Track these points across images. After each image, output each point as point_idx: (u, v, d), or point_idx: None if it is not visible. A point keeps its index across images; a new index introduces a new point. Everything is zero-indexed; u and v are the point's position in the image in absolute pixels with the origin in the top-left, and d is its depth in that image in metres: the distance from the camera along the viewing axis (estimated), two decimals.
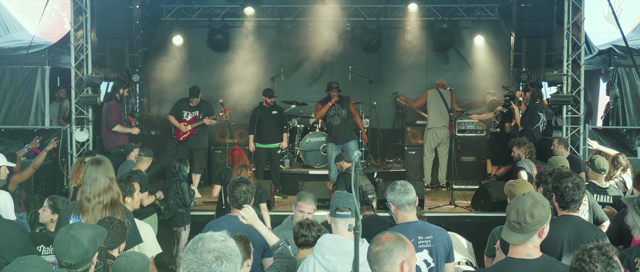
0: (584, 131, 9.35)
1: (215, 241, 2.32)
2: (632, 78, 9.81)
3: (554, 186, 4.02)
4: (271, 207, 8.53)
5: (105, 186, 4.18)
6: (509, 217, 3.10)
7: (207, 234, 2.36)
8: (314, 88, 12.55)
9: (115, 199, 4.21)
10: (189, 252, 2.30)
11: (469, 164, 10.89)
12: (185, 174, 7.40)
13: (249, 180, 4.70)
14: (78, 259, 3.12)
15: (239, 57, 11.85)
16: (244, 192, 4.47)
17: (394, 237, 2.86)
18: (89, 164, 4.25)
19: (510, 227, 3.10)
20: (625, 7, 13.64)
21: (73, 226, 3.28)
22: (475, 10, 11.99)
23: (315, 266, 3.46)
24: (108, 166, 4.27)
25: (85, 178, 4.20)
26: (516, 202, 3.10)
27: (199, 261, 2.27)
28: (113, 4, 9.19)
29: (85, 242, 3.16)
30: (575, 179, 3.97)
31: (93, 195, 4.14)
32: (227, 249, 2.31)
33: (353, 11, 11.96)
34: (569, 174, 4.06)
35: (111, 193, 4.19)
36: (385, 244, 2.82)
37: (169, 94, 12.35)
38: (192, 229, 7.34)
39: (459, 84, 11.86)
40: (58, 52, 9.94)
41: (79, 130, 9.32)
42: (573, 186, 3.91)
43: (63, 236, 3.18)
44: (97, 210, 4.12)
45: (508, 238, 3.11)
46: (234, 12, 12.13)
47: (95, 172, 4.18)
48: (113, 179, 4.25)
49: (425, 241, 3.79)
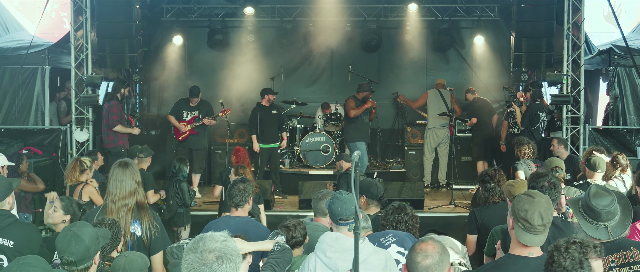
0: (584, 131, 9.35)
1: (216, 241, 2.33)
2: (632, 78, 9.81)
3: (530, 185, 4.10)
4: (271, 207, 8.53)
5: (132, 190, 4.15)
6: (532, 222, 3.00)
7: (208, 234, 2.37)
8: (314, 88, 12.56)
9: (141, 202, 4.19)
10: (190, 252, 2.30)
11: (469, 164, 10.88)
12: (185, 174, 7.41)
13: (248, 179, 4.71)
14: (79, 255, 3.12)
15: (239, 57, 11.86)
16: (241, 191, 4.49)
17: (439, 247, 2.79)
18: (116, 166, 4.23)
19: (533, 232, 3.01)
20: (625, 7, 13.64)
21: (76, 224, 3.29)
22: (475, 10, 12.00)
23: (317, 263, 3.48)
24: (135, 169, 4.25)
25: (111, 180, 4.19)
26: (534, 206, 3.02)
27: (200, 260, 2.27)
28: (113, 4, 9.18)
29: (87, 240, 3.15)
30: (551, 178, 4.07)
31: (119, 197, 4.13)
32: (228, 249, 2.32)
33: (353, 11, 11.96)
34: (544, 174, 4.16)
35: (137, 196, 4.18)
36: (434, 256, 2.75)
37: (169, 94, 12.35)
38: (192, 229, 7.35)
39: (459, 84, 11.85)
40: (58, 52, 9.94)
41: (79, 130, 9.32)
42: (549, 185, 4.01)
43: (65, 233, 3.18)
44: (122, 212, 4.10)
45: (532, 242, 3.02)
46: (234, 12, 12.13)
47: (122, 175, 4.16)
48: (139, 183, 4.22)
49: (387, 238, 3.95)
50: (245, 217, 4.57)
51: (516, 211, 3.09)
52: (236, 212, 4.57)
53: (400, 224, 4.15)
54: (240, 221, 4.48)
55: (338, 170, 7.90)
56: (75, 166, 6.20)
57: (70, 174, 6.18)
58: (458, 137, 10.89)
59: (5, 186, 4.11)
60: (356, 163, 2.95)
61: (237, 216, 4.54)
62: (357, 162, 2.96)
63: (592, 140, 9.35)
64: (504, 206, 4.74)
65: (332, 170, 10.20)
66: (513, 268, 3.05)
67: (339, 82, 12.37)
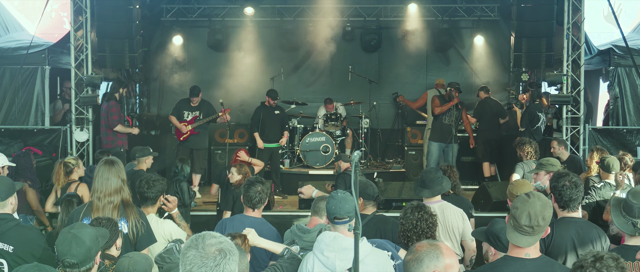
0: (583, 131, 9.34)
1: (214, 237, 2.35)
2: (632, 78, 9.80)
3: (552, 185, 4.02)
4: (271, 207, 8.53)
5: (117, 187, 4.20)
6: (519, 221, 2.99)
7: (204, 232, 2.37)
8: (314, 88, 12.56)
9: (126, 200, 4.24)
10: (190, 249, 2.30)
11: (469, 164, 10.88)
12: (186, 174, 7.40)
13: (264, 180, 4.72)
14: (80, 257, 3.11)
15: (238, 57, 11.86)
16: (259, 193, 4.52)
17: (427, 246, 2.76)
18: (102, 163, 4.28)
19: (520, 231, 3.01)
20: (625, 7, 13.62)
21: (75, 225, 3.27)
22: (475, 10, 12.00)
23: (315, 262, 3.48)
24: (120, 167, 4.30)
25: (97, 177, 4.23)
26: (525, 206, 3.01)
27: (203, 255, 2.27)
28: (113, 4, 9.19)
29: (88, 241, 3.14)
30: (573, 177, 3.99)
31: (104, 194, 4.17)
32: (227, 244, 2.34)
33: (353, 11, 11.96)
34: (566, 173, 4.08)
35: (122, 194, 4.22)
36: (416, 253, 2.74)
37: (169, 94, 12.36)
38: (192, 228, 7.33)
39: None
40: (58, 52, 9.94)
41: (79, 130, 9.32)
42: (570, 184, 3.92)
43: (65, 235, 3.16)
44: (108, 209, 4.14)
45: (518, 242, 3.02)
46: (234, 12, 12.13)
47: (108, 172, 4.21)
48: (124, 181, 4.27)
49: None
50: (260, 219, 4.59)
51: (511, 207, 3.12)
52: (252, 212, 4.58)
53: (421, 222, 4.09)
54: (256, 221, 4.50)
55: (337, 170, 7.88)
56: (59, 169, 6.21)
57: (57, 177, 6.19)
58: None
59: (7, 186, 4.08)
60: (356, 163, 2.95)
61: (252, 216, 4.57)
62: (357, 163, 2.95)
63: (592, 140, 9.35)
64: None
65: (332, 170, 10.19)
66: (508, 270, 3.04)
67: (339, 82, 12.37)
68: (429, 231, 4.10)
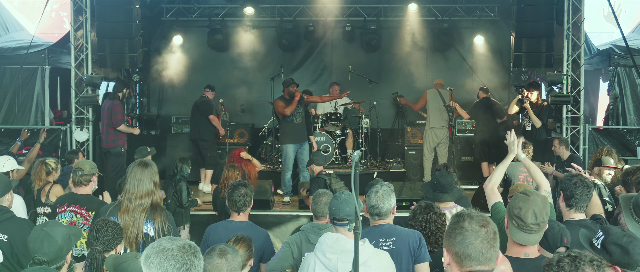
0: (584, 131, 9.34)
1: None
2: (632, 78, 9.81)
3: (562, 186, 3.98)
4: (271, 207, 8.52)
5: (149, 190, 4.19)
6: (525, 220, 3.00)
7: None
8: (314, 88, 12.54)
9: (156, 203, 4.22)
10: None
11: (469, 164, 10.87)
12: (186, 174, 7.40)
13: (248, 183, 4.70)
14: (51, 256, 3.16)
15: (238, 57, 11.86)
16: (243, 196, 4.49)
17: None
18: (136, 165, 4.27)
19: (526, 230, 3.01)
20: (625, 7, 13.64)
21: (48, 224, 3.31)
22: (475, 10, 12.00)
23: (316, 264, 3.46)
24: (154, 170, 4.29)
25: (129, 178, 4.22)
26: (528, 205, 3.02)
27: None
28: (113, 4, 9.19)
29: (59, 240, 3.19)
30: (585, 179, 3.97)
31: (135, 196, 4.16)
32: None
33: (353, 11, 11.96)
34: (577, 174, 4.08)
35: (153, 197, 4.21)
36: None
37: (169, 94, 12.35)
38: (192, 228, 7.35)
39: (459, 84, 11.83)
40: (58, 52, 9.94)
41: (79, 130, 9.32)
42: (582, 184, 3.89)
43: (37, 233, 3.22)
44: (137, 212, 4.13)
45: (526, 241, 3.02)
46: (234, 12, 12.13)
47: (141, 175, 4.20)
48: (157, 184, 4.27)
49: (387, 243, 3.78)
50: (246, 222, 4.56)
51: (511, 208, 3.10)
52: (237, 217, 4.54)
53: (430, 223, 4.06)
54: (241, 225, 4.47)
55: (310, 174, 7.79)
56: (41, 168, 6.09)
57: (37, 177, 6.04)
58: (458, 137, 10.88)
59: (4, 183, 4.30)
60: (356, 163, 2.94)
61: (237, 221, 4.53)
62: (356, 162, 2.94)
63: (592, 140, 9.35)
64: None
65: (332, 170, 10.18)
66: None
67: (339, 82, 12.34)
68: (438, 232, 4.07)
